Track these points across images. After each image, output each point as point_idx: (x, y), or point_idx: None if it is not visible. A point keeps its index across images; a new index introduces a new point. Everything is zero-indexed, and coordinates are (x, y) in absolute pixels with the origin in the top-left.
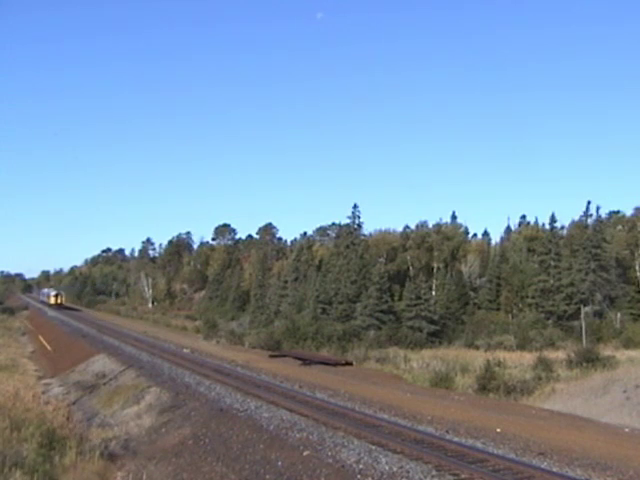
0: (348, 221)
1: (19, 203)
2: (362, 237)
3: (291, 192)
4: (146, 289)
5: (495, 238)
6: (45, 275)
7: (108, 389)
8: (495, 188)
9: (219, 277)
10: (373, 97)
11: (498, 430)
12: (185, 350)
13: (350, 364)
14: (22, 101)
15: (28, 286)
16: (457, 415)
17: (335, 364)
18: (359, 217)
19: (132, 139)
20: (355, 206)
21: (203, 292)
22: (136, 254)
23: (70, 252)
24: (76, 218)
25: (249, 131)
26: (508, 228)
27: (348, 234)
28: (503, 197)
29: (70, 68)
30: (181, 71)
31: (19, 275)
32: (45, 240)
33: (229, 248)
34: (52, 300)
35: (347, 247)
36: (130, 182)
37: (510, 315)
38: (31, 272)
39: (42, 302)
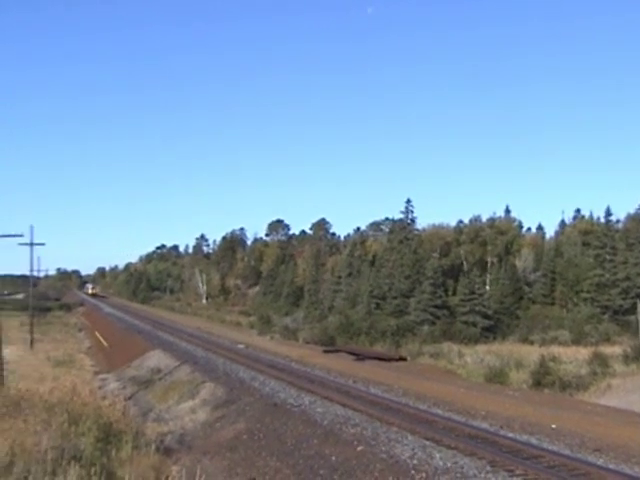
0: (401, 216)
1: (76, 203)
2: (415, 232)
3: (345, 187)
4: (200, 285)
5: (549, 232)
6: (101, 272)
7: (163, 384)
8: (549, 181)
9: (273, 273)
10: (426, 91)
11: (553, 426)
12: (239, 346)
13: (404, 359)
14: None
15: (84, 282)
16: (511, 411)
17: (389, 359)
18: (412, 212)
19: (187, 135)
20: (408, 201)
21: (257, 288)
22: (190, 250)
23: (125, 249)
24: (131, 215)
25: (303, 126)
26: (562, 222)
27: (401, 229)
28: (557, 190)
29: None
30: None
31: (76, 272)
32: (101, 237)
33: (283, 244)
34: (90, 291)
35: (400, 242)
36: (185, 178)
37: (565, 310)
38: (87, 269)
39: (84, 292)
